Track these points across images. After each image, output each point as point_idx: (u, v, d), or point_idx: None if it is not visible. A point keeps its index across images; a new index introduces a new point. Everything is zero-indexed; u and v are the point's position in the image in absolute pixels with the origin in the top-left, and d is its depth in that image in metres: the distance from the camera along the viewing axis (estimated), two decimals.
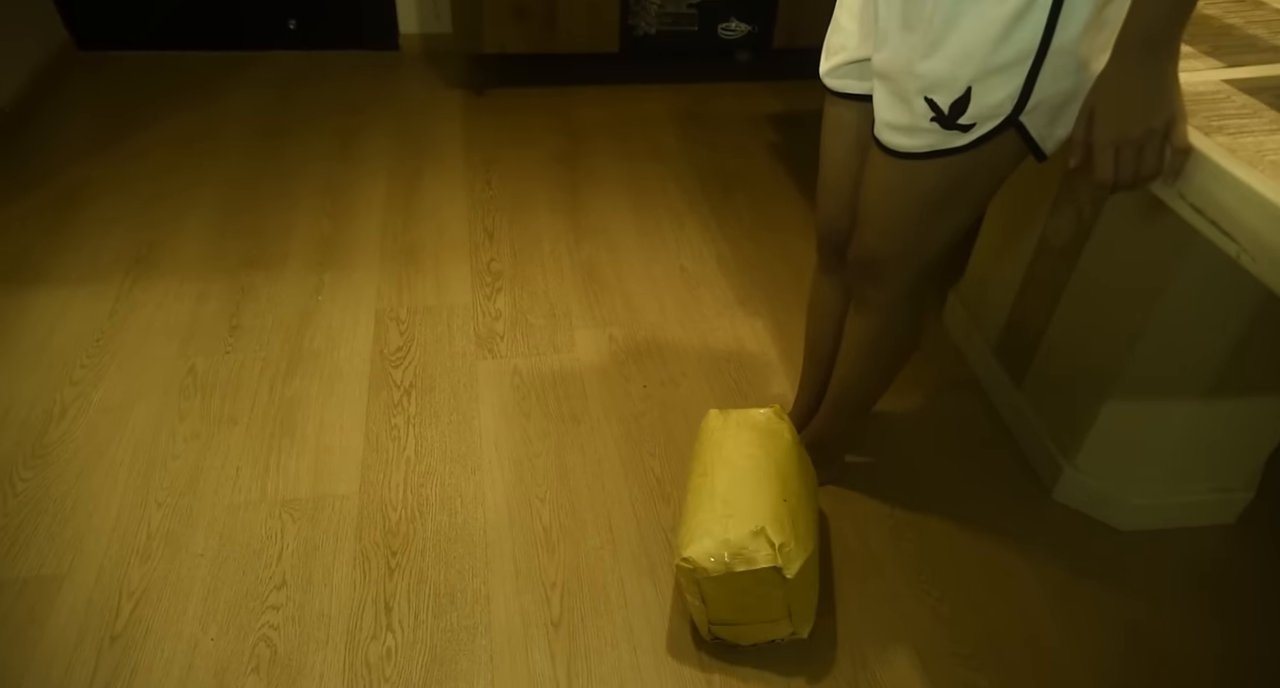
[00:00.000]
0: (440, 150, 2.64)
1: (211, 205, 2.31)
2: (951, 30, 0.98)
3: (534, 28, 2.82)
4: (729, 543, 1.21)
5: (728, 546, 1.21)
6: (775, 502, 1.27)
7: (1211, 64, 1.06)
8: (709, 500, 1.29)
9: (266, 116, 2.77)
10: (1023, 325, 1.72)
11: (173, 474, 1.58)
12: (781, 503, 1.27)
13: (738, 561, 1.20)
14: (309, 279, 2.07)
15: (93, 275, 2.04)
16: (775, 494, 1.29)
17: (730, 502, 1.27)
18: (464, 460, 1.63)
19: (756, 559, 1.20)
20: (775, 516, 1.24)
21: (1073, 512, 1.60)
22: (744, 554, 1.20)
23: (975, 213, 1.18)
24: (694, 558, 1.21)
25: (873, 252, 1.24)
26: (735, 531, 1.22)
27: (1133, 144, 0.91)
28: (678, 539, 1.28)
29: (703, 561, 1.21)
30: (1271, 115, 0.94)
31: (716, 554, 1.21)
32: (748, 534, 1.21)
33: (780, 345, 1.94)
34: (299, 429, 1.68)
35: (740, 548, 1.21)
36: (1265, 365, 1.38)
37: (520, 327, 1.97)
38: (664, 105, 2.97)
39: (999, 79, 0.99)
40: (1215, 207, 0.88)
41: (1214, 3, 1.20)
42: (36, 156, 2.48)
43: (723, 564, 1.21)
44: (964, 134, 1.05)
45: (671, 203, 2.44)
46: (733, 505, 1.26)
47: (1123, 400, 1.46)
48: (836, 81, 1.23)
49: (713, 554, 1.21)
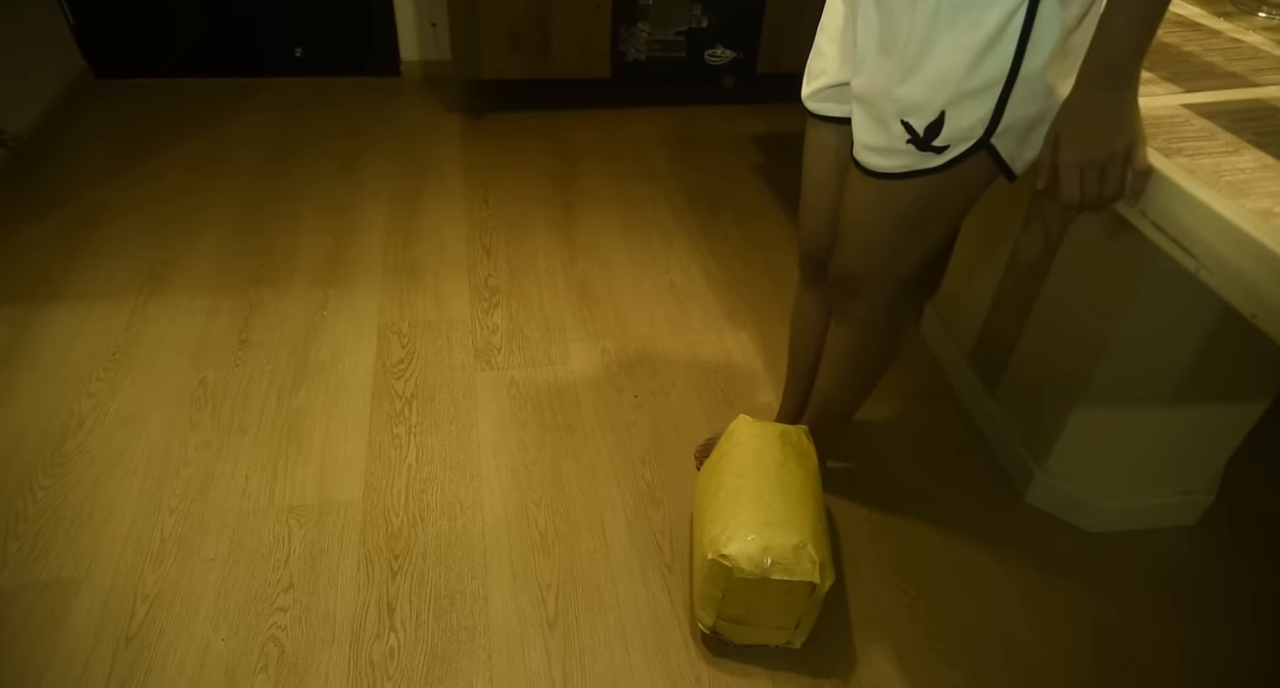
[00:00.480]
0: (440, 171, 2.64)
1: (221, 225, 2.31)
2: (926, 56, 0.98)
3: (529, 55, 2.83)
4: (771, 549, 1.20)
5: (770, 552, 1.19)
6: (814, 519, 1.27)
7: (1171, 89, 1.07)
8: (751, 503, 1.27)
9: (274, 139, 2.76)
10: (995, 337, 1.72)
11: (185, 482, 1.56)
12: (818, 523, 1.28)
13: (777, 568, 1.19)
14: (314, 295, 2.06)
15: (108, 293, 2.02)
16: (813, 513, 1.28)
17: (775, 511, 1.25)
18: (463, 468, 1.63)
19: (796, 571, 1.19)
20: (815, 532, 1.24)
21: (1044, 514, 1.60)
22: (785, 564, 1.19)
23: (949, 231, 1.18)
24: (734, 556, 1.20)
25: (852, 268, 1.24)
26: (780, 539, 1.20)
27: (1096, 166, 0.91)
28: (712, 534, 1.24)
29: (742, 560, 1.19)
30: (1227, 138, 0.95)
31: (758, 558, 1.19)
32: (791, 545, 1.20)
33: (765, 356, 1.94)
34: (305, 438, 1.67)
35: (782, 557, 1.19)
36: (1224, 374, 1.39)
37: (517, 340, 1.96)
38: (654, 128, 2.98)
39: (971, 103, 0.99)
40: (1176, 225, 0.89)
41: (1173, 31, 1.22)
42: (54, 180, 2.46)
43: (761, 569, 1.19)
44: (938, 155, 1.05)
45: (661, 221, 2.44)
46: (778, 513, 1.25)
47: (1090, 408, 1.46)
48: (817, 105, 1.23)
49: (753, 557, 1.19)
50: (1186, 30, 1.21)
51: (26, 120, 2.60)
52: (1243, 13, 1.25)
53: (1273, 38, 1.17)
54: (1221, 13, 1.26)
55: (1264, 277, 0.78)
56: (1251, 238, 0.79)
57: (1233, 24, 1.22)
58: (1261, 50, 1.14)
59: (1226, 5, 1.28)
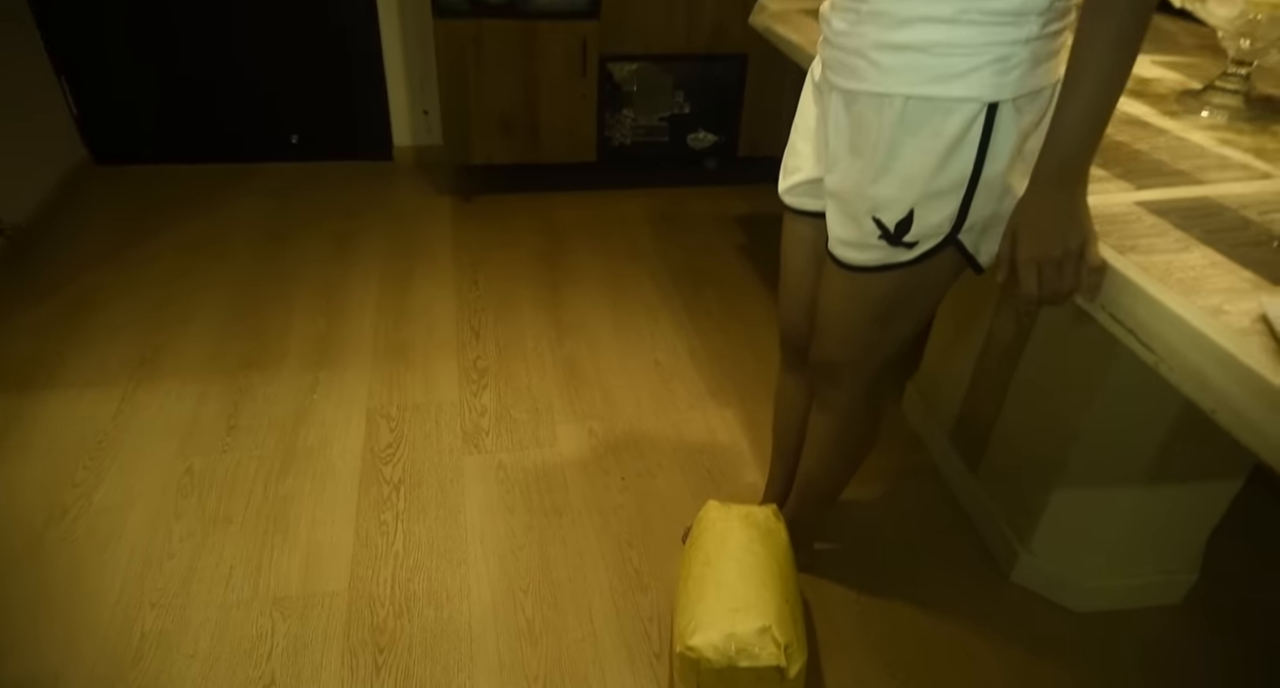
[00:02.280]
0: (431, 252, 2.69)
1: (215, 308, 2.33)
2: (894, 159, 1.03)
3: (518, 141, 2.92)
4: (735, 637, 1.19)
5: (734, 639, 1.18)
6: (780, 601, 1.26)
7: (1123, 186, 1.11)
8: (715, 591, 1.26)
9: (269, 221, 2.81)
10: (975, 416, 1.74)
11: (167, 574, 1.54)
12: (785, 603, 1.26)
13: (742, 655, 1.18)
14: (304, 378, 2.07)
15: (100, 379, 2.03)
16: (779, 593, 1.27)
17: (738, 596, 1.25)
18: (450, 555, 1.61)
19: (761, 657, 1.18)
20: (780, 614, 1.23)
21: (1030, 593, 1.59)
22: (749, 650, 1.18)
23: (924, 320, 1.22)
24: (699, 648, 1.18)
25: (830, 356, 1.27)
26: (742, 625, 1.20)
27: (1052, 263, 0.95)
28: (679, 626, 1.24)
29: (708, 651, 1.18)
30: (1177, 235, 0.99)
31: (722, 647, 1.18)
32: (755, 631, 1.19)
33: (750, 435, 1.95)
34: (291, 526, 1.65)
35: (746, 643, 1.18)
36: (1196, 456, 1.40)
37: (505, 422, 1.97)
38: (639, 207, 3.05)
39: (938, 203, 1.04)
40: (1134, 320, 0.92)
41: (1124, 129, 1.27)
42: (51, 264, 2.49)
43: (727, 657, 1.18)
44: (909, 250, 1.09)
45: (646, 298, 2.49)
46: (740, 599, 1.24)
47: (1070, 488, 1.47)
48: (794, 200, 1.28)
49: (718, 646, 1.18)
50: (1136, 129, 1.27)
51: (26, 208, 2.65)
52: (1187, 111, 1.32)
53: (1215, 136, 1.23)
54: (1168, 111, 1.33)
55: (1218, 373, 0.81)
56: (1204, 335, 0.82)
57: (1178, 122, 1.28)
58: (1206, 149, 1.19)
59: (1172, 104, 1.35)
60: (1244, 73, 1.28)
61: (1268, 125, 1.27)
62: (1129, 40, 0.86)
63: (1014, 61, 0.95)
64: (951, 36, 0.95)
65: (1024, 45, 0.95)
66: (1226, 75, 1.30)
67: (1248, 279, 0.89)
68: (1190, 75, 1.50)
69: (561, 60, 2.78)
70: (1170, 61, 1.59)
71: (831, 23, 1.07)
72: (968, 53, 0.95)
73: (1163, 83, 1.47)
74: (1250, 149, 1.19)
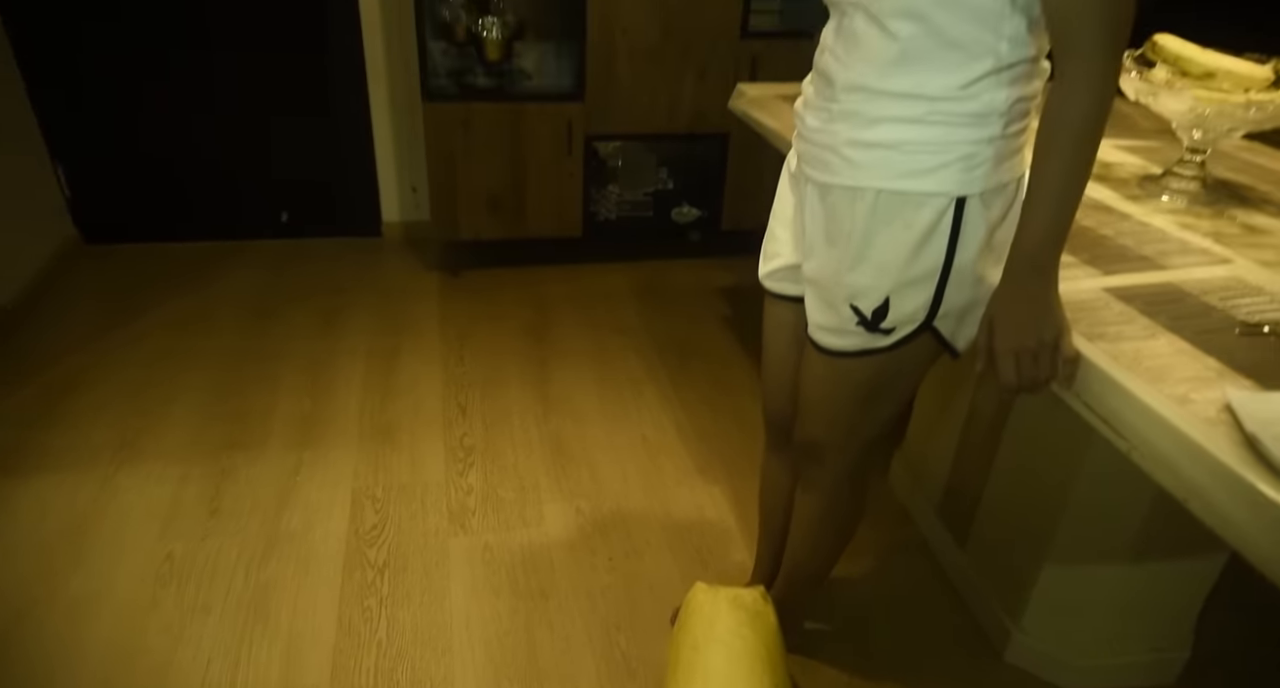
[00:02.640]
0: (418, 327, 2.71)
1: (199, 389, 2.33)
2: (869, 248, 1.06)
3: (506, 217, 2.98)
4: None
5: None
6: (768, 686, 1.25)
7: (1091, 272, 1.15)
8: (704, 679, 1.26)
9: (257, 298, 2.83)
10: (961, 490, 1.75)
11: (141, 671, 1.50)
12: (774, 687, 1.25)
13: None
14: (288, 459, 2.06)
15: (80, 463, 2.01)
16: (768, 678, 1.26)
17: (727, 682, 1.24)
18: (434, 643, 1.58)
19: None
20: None
21: (1023, 673, 1.57)
22: None
23: (904, 401, 1.23)
24: None
25: (814, 437, 1.28)
26: None
27: (1028, 353, 0.97)
28: None
29: None
30: (1144, 322, 1.02)
31: None
32: None
33: (738, 511, 1.95)
34: (272, 615, 1.62)
35: None
36: (1181, 531, 1.41)
37: (491, 501, 1.96)
38: (624, 280, 3.10)
39: (912, 291, 1.07)
40: (1105, 408, 0.94)
41: (1090, 214, 1.32)
42: (37, 345, 2.50)
43: None
44: (886, 336, 1.11)
45: (632, 372, 2.50)
46: (729, 687, 1.23)
47: (1059, 565, 1.47)
48: (774, 285, 1.31)
49: None
50: (1101, 213, 1.32)
51: (13, 290, 2.66)
52: (1148, 196, 1.37)
53: (1176, 220, 1.28)
54: (1130, 195, 1.38)
55: (1187, 463, 0.82)
56: (1172, 424, 0.84)
57: (1140, 206, 1.33)
58: (1167, 233, 1.24)
59: (1134, 188, 1.41)
60: (1199, 160, 1.34)
61: (1224, 210, 1.32)
62: (1084, 152, 0.90)
63: (979, 159, 1.00)
64: (919, 135, 1.00)
65: (988, 144, 0.99)
66: (1183, 161, 1.36)
67: (1212, 367, 0.92)
68: (1150, 159, 1.57)
69: (548, 141, 2.86)
70: (1130, 145, 1.66)
71: (805, 119, 1.12)
72: (935, 151, 1.00)
73: (1124, 167, 1.53)
74: (1209, 234, 1.24)
